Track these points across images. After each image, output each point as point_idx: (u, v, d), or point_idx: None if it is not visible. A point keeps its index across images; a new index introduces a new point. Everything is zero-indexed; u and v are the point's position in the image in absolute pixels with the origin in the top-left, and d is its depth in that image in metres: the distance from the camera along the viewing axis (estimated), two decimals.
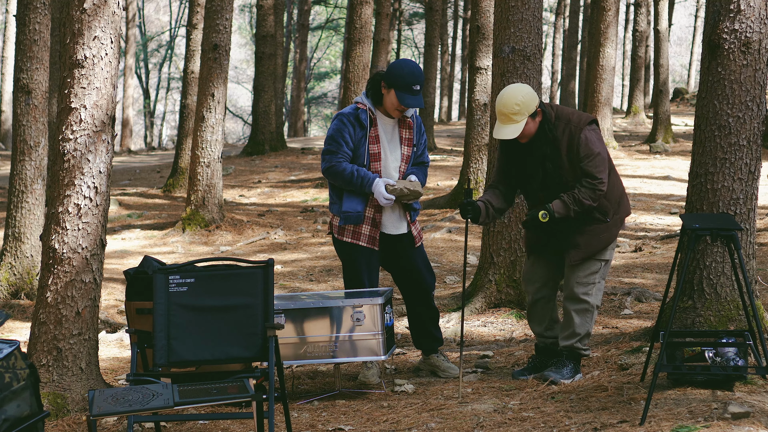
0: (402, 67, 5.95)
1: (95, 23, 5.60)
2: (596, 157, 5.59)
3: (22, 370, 4.12)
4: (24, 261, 9.49)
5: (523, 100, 5.54)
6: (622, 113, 28.63)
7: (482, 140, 12.87)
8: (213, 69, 13.47)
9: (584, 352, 5.75)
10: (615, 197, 5.77)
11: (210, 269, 4.82)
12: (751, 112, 5.96)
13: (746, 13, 5.90)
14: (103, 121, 5.66)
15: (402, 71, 5.92)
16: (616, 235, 5.82)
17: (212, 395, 4.20)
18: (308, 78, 46.29)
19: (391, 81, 5.92)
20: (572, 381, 5.68)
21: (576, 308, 5.73)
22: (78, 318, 5.62)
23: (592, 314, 5.75)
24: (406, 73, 5.91)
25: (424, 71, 17.20)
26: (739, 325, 5.87)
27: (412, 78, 5.90)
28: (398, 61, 6.02)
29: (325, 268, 11.27)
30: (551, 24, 44.52)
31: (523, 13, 7.79)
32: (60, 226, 5.60)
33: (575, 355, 5.72)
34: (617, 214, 5.80)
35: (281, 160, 21.53)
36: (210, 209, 13.61)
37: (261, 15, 21.63)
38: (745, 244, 6.03)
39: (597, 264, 5.75)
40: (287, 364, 5.80)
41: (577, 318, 5.72)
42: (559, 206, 5.62)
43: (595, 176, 5.58)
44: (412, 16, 44.59)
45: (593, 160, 5.59)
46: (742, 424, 4.47)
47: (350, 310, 5.74)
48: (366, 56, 16.22)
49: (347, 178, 5.94)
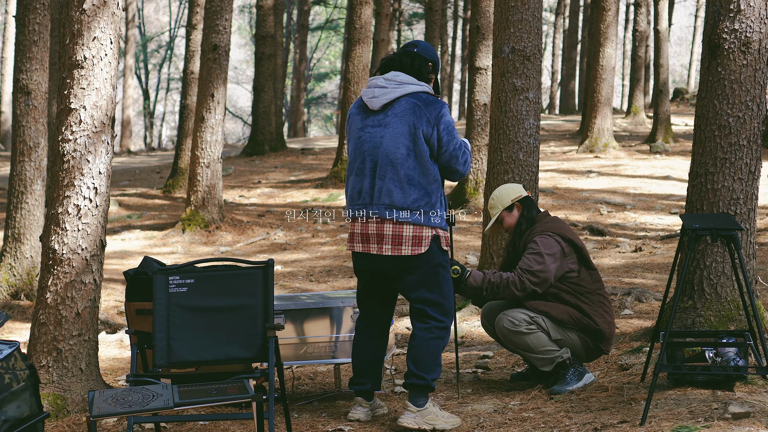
0: (436, 52, 5.50)
1: (95, 24, 5.59)
2: (536, 254, 5.55)
3: (22, 371, 4.12)
4: (24, 262, 9.49)
5: (497, 195, 5.87)
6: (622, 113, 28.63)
7: (482, 140, 12.87)
8: (213, 69, 13.48)
9: (564, 356, 5.60)
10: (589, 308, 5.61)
11: (210, 270, 4.82)
12: (751, 111, 5.95)
13: (746, 13, 5.89)
14: (103, 121, 5.66)
15: (438, 57, 5.50)
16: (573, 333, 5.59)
17: (212, 396, 4.19)
18: (308, 78, 46.30)
19: (436, 67, 5.34)
20: (582, 383, 5.60)
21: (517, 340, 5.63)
22: (78, 319, 5.62)
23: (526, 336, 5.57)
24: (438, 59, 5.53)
25: None
26: (739, 325, 5.87)
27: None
28: (426, 43, 5.34)
29: (326, 268, 11.27)
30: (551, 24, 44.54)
31: (522, 13, 7.79)
32: (60, 227, 5.60)
33: (564, 365, 5.64)
34: (587, 328, 5.59)
35: (281, 161, 21.54)
36: (210, 210, 13.61)
37: (261, 15, 21.64)
38: (746, 244, 6.03)
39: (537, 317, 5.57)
40: (287, 364, 5.80)
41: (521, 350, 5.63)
42: (477, 276, 5.53)
43: (526, 266, 5.52)
44: (411, 17, 44.61)
45: (531, 254, 5.56)
46: (743, 424, 4.47)
47: (350, 310, 5.74)
48: (366, 56, 16.23)
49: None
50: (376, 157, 5.05)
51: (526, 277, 5.53)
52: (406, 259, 5.02)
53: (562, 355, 5.59)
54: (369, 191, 5.07)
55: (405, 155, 5.01)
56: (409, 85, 5.09)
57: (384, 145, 5.03)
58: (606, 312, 5.68)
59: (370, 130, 5.10)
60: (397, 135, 5.02)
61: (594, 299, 5.65)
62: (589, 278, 5.67)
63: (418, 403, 5.01)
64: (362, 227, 5.09)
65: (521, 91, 7.77)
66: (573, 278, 5.63)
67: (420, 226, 5.01)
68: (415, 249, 5.00)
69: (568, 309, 5.60)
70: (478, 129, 13.09)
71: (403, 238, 4.98)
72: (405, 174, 5.00)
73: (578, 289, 5.63)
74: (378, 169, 5.04)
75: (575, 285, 5.63)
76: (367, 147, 5.08)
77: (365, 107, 5.17)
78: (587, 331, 5.62)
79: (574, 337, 5.62)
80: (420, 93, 5.08)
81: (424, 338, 5.07)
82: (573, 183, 15.98)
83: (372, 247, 5.06)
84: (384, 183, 5.02)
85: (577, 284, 5.63)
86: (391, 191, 5.00)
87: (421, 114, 5.03)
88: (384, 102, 5.08)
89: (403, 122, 5.03)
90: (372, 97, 5.12)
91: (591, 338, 5.64)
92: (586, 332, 5.63)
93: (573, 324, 5.60)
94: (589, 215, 13.34)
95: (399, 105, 5.07)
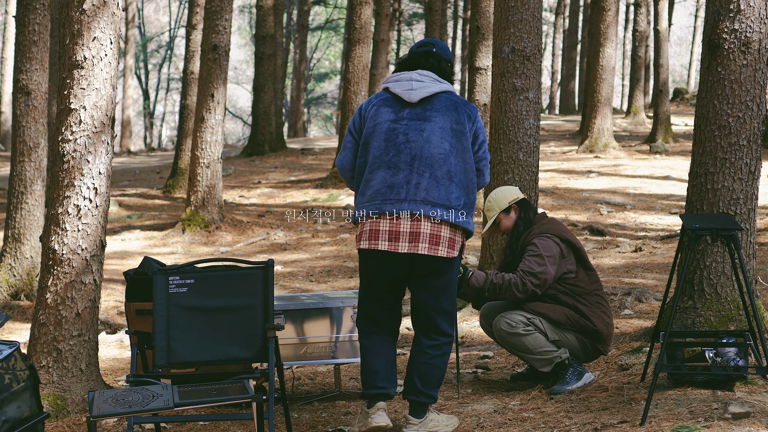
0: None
1: (95, 24, 5.59)
2: (536, 255, 5.55)
3: (22, 371, 4.12)
4: (24, 262, 9.49)
5: (494, 197, 5.86)
6: (622, 113, 28.63)
7: None
8: (213, 70, 13.48)
9: (563, 356, 5.58)
10: (587, 309, 5.61)
11: (210, 270, 4.82)
12: (751, 111, 5.95)
13: (746, 13, 5.89)
14: (103, 122, 5.66)
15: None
16: (571, 334, 5.60)
17: (212, 396, 4.19)
18: (308, 78, 46.30)
19: (453, 67, 5.18)
20: (582, 382, 5.59)
21: (514, 341, 5.62)
22: (78, 319, 5.62)
23: (523, 337, 5.56)
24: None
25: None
26: (739, 325, 5.87)
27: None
28: (443, 43, 5.15)
29: (326, 268, 11.27)
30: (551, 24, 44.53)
31: (522, 13, 7.79)
32: (60, 227, 5.60)
33: (563, 365, 5.62)
34: (585, 329, 5.60)
35: (281, 161, 21.54)
36: (210, 210, 13.62)
37: (261, 16, 21.64)
38: (746, 244, 6.03)
39: (534, 318, 5.56)
40: (287, 364, 5.80)
41: (519, 351, 5.62)
42: (479, 276, 5.53)
43: (527, 268, 5.52)
44: (411, 17, 44.60)
45: (532, 256, 5.56)
46: (743, 424, 4.47)
47: (350, 310, 5.75)
48: (366, 57, 16.23)
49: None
50: (415, 151, 4.78)
51: (528, 279, 5.53)
52: (439, 260, 4.80)
53: (561, 356, 5.58)
54: (404, 186, 4.77)
55: (448, 151, 4.79)
56: (443, 83, 4.95)
57: (426, 138, 4.79)
58: (604, 313, 5.67)
59: (406, 122, 4.83)
60: (441, 129, 4.81)
61: (592, 300, 5.65)
62: (587, 279, 5.67)
63: (418, 415, 4.94)
64: (391, 224, 4.77)
65: (521, 91, 7.77)
66: (571, 279, 5.62)
67: (455, 229, 4.81)
68: (450, 252, 4.81)
69: (566, 310, 5.60)
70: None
71: (441, 238, 4.75)
72: (447, 170, 4.78)
73: (576, 290, 5.63)
74: (416, 163, 4.78)
75: (573, 286, 5.62)
76: (402, 139, 4.81)
77: (396, 99, 4.90)
78: (585, 331, 5.62)
79: (571, 338, 5.62)
80: (453, 92, 4.96)
81: (432, 356, 4.91)
82: (573, 183, 15.98)
83: (401, 245, 4.75)
84: (423, 178, 4.76)
85: (575, 285, 5.63)
86: (430, 187, 4.75)
87: (462, 111, 4.88)
88: (424, 95, 4.86)
89: (446, 117, 4.83)
90: (409, 89, 4.87)
91: (589, 339, 5.64)
92: (583, 333, 5.62)
93: (570, 325, 5.59)
94: (589, 215, 13.34)
95: (439, 101, 4.88)
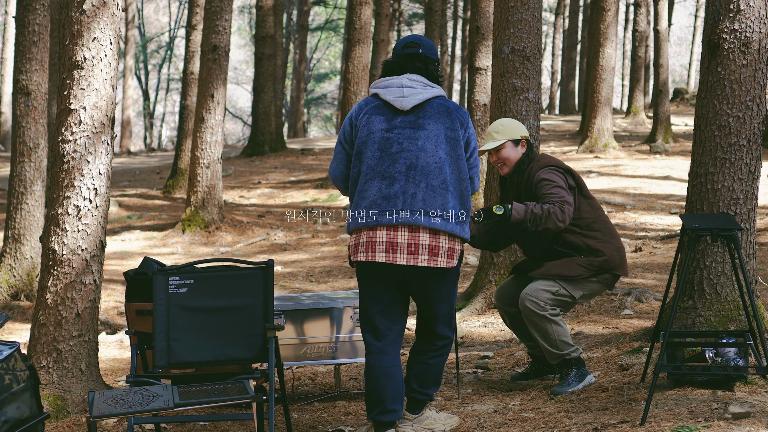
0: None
1: (94, 24, 5.59)
2: (558, 186, 5.52)
3: (22, 371, 4.12)
4: (24, 262, 9.49)
5: (508, 123, 5.73)
6: (622, 113, 28.63)
7: (483, 141, 12.88)
8: (212, 70, 13.48)
9: (573, 354, 5.59)
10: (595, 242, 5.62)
11: (210, 270, 4.82)
12: (751, 111, 5.95)
13: (746, 13, 5.89)
14: (103, 122, 5.66)
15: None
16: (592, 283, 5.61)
17: (212, 396, 4.19)
18: (308, 79, 46.30)
19: (439, 64, 5.07)
20: (583, 385, 5.58)
21: (540, 323, 5.61)
22: (78, 319, 5.62)
23: (549, 323, 5.53)
24: None
25: None
26: (739, 325, 5.87)
27: None
28: (428, 40, 5.00)
29: (326, 269, 11.27)
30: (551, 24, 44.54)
31: (522, 13, 7.79)
32: (60, 227, 5.60)
33: (569, 363, 5.63)
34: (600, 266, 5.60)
35: (281, 161, 21.54)
36: (210, 210, 13.62)
37: (260, 16, 21.65)
38: (746, 244, 6.03)
39: (555, 286, 5.55)
40: (287, 365, 5.80)
41: (538, 334, 5.63)
42: (519, 207, 5.45)
43: (560, 197, 5.48)
44: (411, 17, 44.61)
45: (556, 187, 5.52)
46: (743, 424, 4.47)
47: (350, 311, 5.75)
48: (366, 57, 16.23)
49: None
50: (410, 160, 4.66)
51: (566, 207, 5.48)
52: (439, 271, 4.70)
53: (571, 354, 5.57)
54: (400, 196, 4.64)
55: (443, 159, 4.69)
56: (434, 88, 4.84)
57: (420, 147, 4.67)
58: (612, 237, 5.69)
59: (400, 131, 4.70)
60: (435, 137, 4.70)
61: (597, 227, 5.65)
62: (589, 207, 5.67)
63: (414, 411, 4.93)
64: (388, 235, 4.63)
65: (521, 91, 7.77)
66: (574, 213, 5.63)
67: (454, 238, 4.69)
68: (449, 262, 4.70)
69: (577, 259, 5.59)
70: (478, 129, 13.09)
71: (440, 249, 4.64)
72: (443, 179, 4.67)
73: (581, 223, 5.61)
74: (412, 172, 4.65)
75: (577, 219, 5.61)
76: (397, 149, 4.68)
77: (388, 107, 4.76)
78: (602, 268, 5.62)
79: (594, 285, 5.65)
80: (444, 96, 4.87)
81: (430, 357, 4.88)
82: None
83: (399, 257, 4.62)
84: (419, 188, 4.64)
85: (579, 218, 5.62)
86: (427, 197, 4.63)
87: (455, 117, 4.78)
88: (415, 102, 4.73)
89: (439, 125, 4.72)
90: (400, 97, 4.73)
91: (607, 272, 5.65)
92: (601, 270, 5.62)
93: (588, 272, 5.58)
94: None
95: (431, 107, 4.75)
